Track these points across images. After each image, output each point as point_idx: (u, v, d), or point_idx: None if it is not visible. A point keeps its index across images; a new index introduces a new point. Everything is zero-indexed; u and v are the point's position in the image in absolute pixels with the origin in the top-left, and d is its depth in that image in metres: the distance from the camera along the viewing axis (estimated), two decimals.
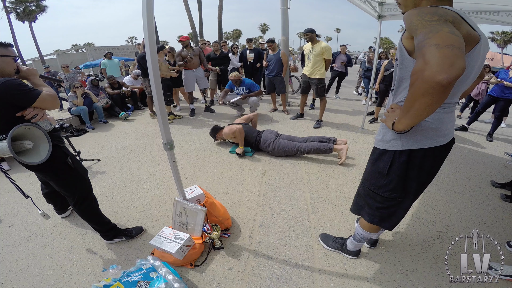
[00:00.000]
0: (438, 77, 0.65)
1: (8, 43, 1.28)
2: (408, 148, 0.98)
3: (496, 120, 3.71)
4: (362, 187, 1.24)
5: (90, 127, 4.29)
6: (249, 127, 3.18)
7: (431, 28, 0.70)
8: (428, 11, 0.76)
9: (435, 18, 0.72)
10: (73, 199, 1.54)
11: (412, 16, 0.78)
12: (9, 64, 1.26)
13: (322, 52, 3.53)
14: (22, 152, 1.25)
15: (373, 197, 1.17)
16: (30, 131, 1.26)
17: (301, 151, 2.79)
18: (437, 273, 1.44)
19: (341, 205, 2.08)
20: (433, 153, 0.98)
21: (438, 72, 0.65)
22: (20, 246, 1.75)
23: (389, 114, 0.98)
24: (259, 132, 3.08)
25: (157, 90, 1.17)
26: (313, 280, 1.43)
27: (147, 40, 1.06)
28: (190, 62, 4.35)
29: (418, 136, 0.96)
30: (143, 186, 2.44)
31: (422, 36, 0.71)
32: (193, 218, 1.60)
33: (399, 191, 1.08)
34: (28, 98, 1.21)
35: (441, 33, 0.68)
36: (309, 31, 3.59)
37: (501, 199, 2.16)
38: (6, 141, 1.13)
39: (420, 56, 0.70)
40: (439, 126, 0.95)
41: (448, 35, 0.67)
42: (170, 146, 1.31)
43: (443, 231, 1.79)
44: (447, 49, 0.65)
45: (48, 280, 1.48)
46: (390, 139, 1.02)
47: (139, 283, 1.23)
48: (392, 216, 1.19)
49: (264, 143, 2.92)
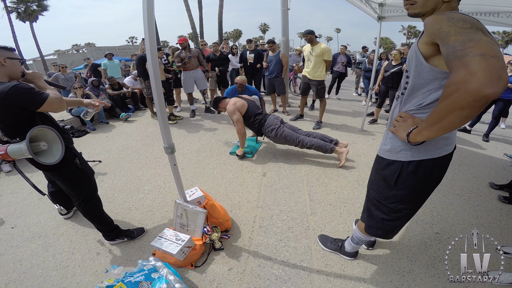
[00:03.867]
0: (487, 90, 0.60)
1: (12, 47, 1.32)
2: (418, 158, 0.95)
3: (493, 120, 3.71)
4: (368, 196, 1.21)
5: (91, 128, 4.32)
6: (255, 104, 3.06)
7: (469, 37, 0.66)
8: (459, 17, 0.71)
9: (468, 26, 0.68)
10: (78, 199, 1.57)
11: (440, 22, 0.73)
12: (18, 67, 1.31)
13: (322, 53, 3.54)
14: (37, 153, 1.30)
15: (380, 208, 1.14)
16: (43, 133, 1.31)
17: (302, 144, 2.76)
18: (433, 274, 1.46)
19: (340, 206, 2.10)
20: (441, 162, 0.96)
21: (486, 85, 0.60)
22: (23, 247, 1.78)
23: (400, 123, 0.93)
24: (265, 115, 2.98)
25: (158, 93, 1.18)
26: (311, 280, 1.45)
27: (148, 41, 1.06)
28: (189, 63, 4.37)
29: (429, 146, 0.92)
30: (144, 187, 2.47)
31: (460, 44, 0.66)
32: (194, 220, 1.62)
33: (406, 202, 1.05)
34: (36, 101, 1.23)
35: (482, 42, 0.64)
36: (308, 33, 3.59)
37: (499, 201, 2.18)
38: (25, 142, 1.18)
39: (462, 66, 0.64)
40: (448, 135, 0.93)
41: (490, 45, 0.63)
42: (172, 150, 1.33)
43: (440, 232, 1.81)
44: (493, 60, 0.61)
45: (52, 280, 1.51)
46: (400, 150, 0.98)
47: (141, 283, 1.26)
48: (396, 229, 1.18)
49: (268, 127, 2.86)
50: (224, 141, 3.52)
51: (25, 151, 1.19)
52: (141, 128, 4.33)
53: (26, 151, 1.19)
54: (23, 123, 1.27)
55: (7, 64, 1.25)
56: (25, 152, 1.20)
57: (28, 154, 1.20)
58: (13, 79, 1.31)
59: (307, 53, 3.74)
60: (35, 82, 1.40)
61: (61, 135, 1.37)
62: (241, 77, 3.99)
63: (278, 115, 3.09)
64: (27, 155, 1.22)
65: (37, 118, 1.32)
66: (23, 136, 1.22)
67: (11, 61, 1.27)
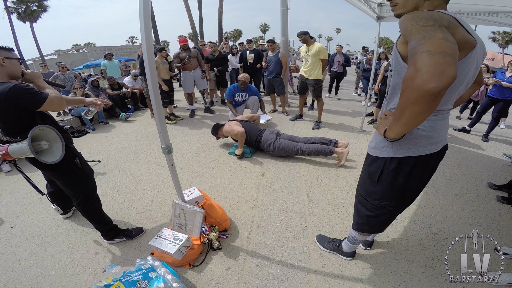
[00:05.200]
0: (428, 85, 0.63)
1: (11, 47, 1.33)
2: (399, 155, 0.97)
3: (493, 120, 3.71)
4: (356, 193, 1.25)
5: (90, 128, 4.32)
6: (250, 125, 3.13)
7: (425, 34, 0.68)
8: (423, 15, 0.74)
9: (430, 23, 0.70)
10: (77, 198, 1.58)
11: (406, 21, 0.76)
12: (17, 66, 1.32)
13: (318, 52, 3.55)
14: (39, 152, 1.31)
15: (365, 205, 1.17)
16: (44, 132, 1.32)
17: (301, 152, 2.78)
18: (431, 275, 1.47)
19: (338, 206, 2.11)
20: (424, 161, 0.96)
21: (427, 81, 0.63)
22: (22, 246, 1.78)
23: (382, 121, 0.96)
24: (260, 131, 3.04)
25: (155, 93, 1.18)
26: (308, 280, 1.45)
27: (144, 41, 1.06)
28: (188, 63, 4.37)
29: (409, 144, 0.94)
30: (143, 187, 2.47)
31: (415, 42, 0.69)
32: (192, 220, 1.62)
33: (390, 199, 1.07)
34: (37, 101, 1.24)
35: (433, 39, 0.66)
36: (302, 33, 3.62)
37: (498, 201, 2.18)
38: (26, 142, 1.19)
39: (412, 63, 0.68)
40: (431, 133, 0.93)
41: (440, 42, 0.65)
42: (169, 150, 1.34)
43: (438, 233, 1.81)
44: (438, 56, 0.63)
45: (50, 280, 1.51)
46: (383, 146, 1.01)
47: (139, 282, 1.26)
48: (381, 225, 1.20)
49: (265, 143, 2.91)
50: (223, 141, 3.53)
51: (27, 150, 1.20)
52: (141, 128, 4.34)
53: (28, 151, 1.20)
54: (23, 122, 1.28)
55: (6, 64, 1.26)
56: (27, 151, 1.21)
57: (30, 154, 1.21)
58: (13, 79, 1.32)
59: (303, 53, 3.77)
60: (34, 82, 1.41)
61: (61, 135, 1.37)
62: (244, 74, 4.00)
63: (274, 129, 3.12)
64: (29, 155, 1.23)
65: (37, 117, 1.33)
66: (23, 135, 1.23)
67: (10, 61, 1.28)
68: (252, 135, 3.00)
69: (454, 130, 4.14)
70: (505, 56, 15.75)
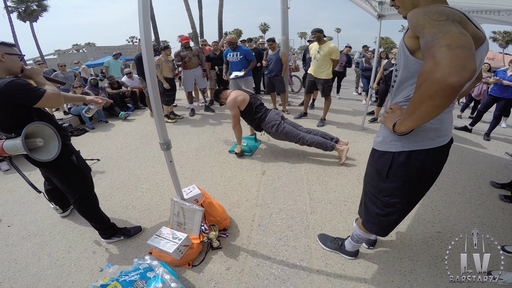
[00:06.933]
0: (450, 79, 0.62)
1: (12, 43, 1.32)
2: (408, 149, 0.95)
3: (494, 119, 3.69)
4: (364, 190, 1.22)
5: (90, 127, 4.30)
6: (256, 98, 3.01)
7: (440, 28, 0.68)
8: (435, 10, 0.73)
9: (443, 18, 0.70)
10: (74, 196, 1.55)
11: (418, 15, 0.76)
12: (17, 62, 1.31)
13: (330, 52, 3.52)
14: (33, 149, 1.29)
15: (374, 202, 1.14)
16: (40, 129, 1.30)
17: (302, 141, 2.73)
18: (435, 274, 1.44)
19: (340, 205, 2.08)
20: (433, 154, 0.95)
21: (450, 74, 0.62)
22: (19, 245, 1.76)
23: (388, 115, 0.95)
24: (266, 110, 2.92)
25: (153, 89, 1.17)
26: (311, 280, 1.42)
27: (143, 39, 1.05)
28: (189, 62, 4.35)
29: (418, 137, 0.93)
30: (142, 185, 2.45)
31: (431, 36, 0.68)
32: (191, 218, 1.59)
33: (400, 196, 1.05)
34: (33, 97, 1.22)
35: (451, 33, 0.66)
36: (317, 31, 3.58)
37: (501, 200, 2.15)
38: (20, 138, 1.16)
39: (430, 56, 0.67)
40: (439, 126, 0.93)
41: (458, 36, 0.65)
42: (167, 146, 1.31)
43: (442, 231, 1.78)
44: (458, 50, 0.63)
45: (47, 279, 1.48)
46: (390, 140, 0.99)
47: (136, 282, 1.23)
48: (390, 225, 1.17)
49: (268, 123, 2.81)
50: (223, 140, 3.50)
51: (20, 147, 1.18)
52: (140, 127, 4.31)
53: (21, 147, 1.18)
54: (19, 118, 1.26)
55: (5, 60, 1.25)
56: (20, 148, 1.19)
57: (23, 150, 1.19)
58: (12, 74, 1.31)
59: (313, 51, 3.71)
60: (34, 78, 1.40)
61: (58, 132, 1.35)
62: (231, 35, 4.14)
63: (279, 111, 3.06)
64: (22, 151, 1.20)
65: (33, 114, 1.31)
66: (18, 131, 1.21)
67: (9, 56, 1.27)
68: (255, 108, 2.86)
69: (455, 129, 4.12)
70: (505, 56, 15.74)
